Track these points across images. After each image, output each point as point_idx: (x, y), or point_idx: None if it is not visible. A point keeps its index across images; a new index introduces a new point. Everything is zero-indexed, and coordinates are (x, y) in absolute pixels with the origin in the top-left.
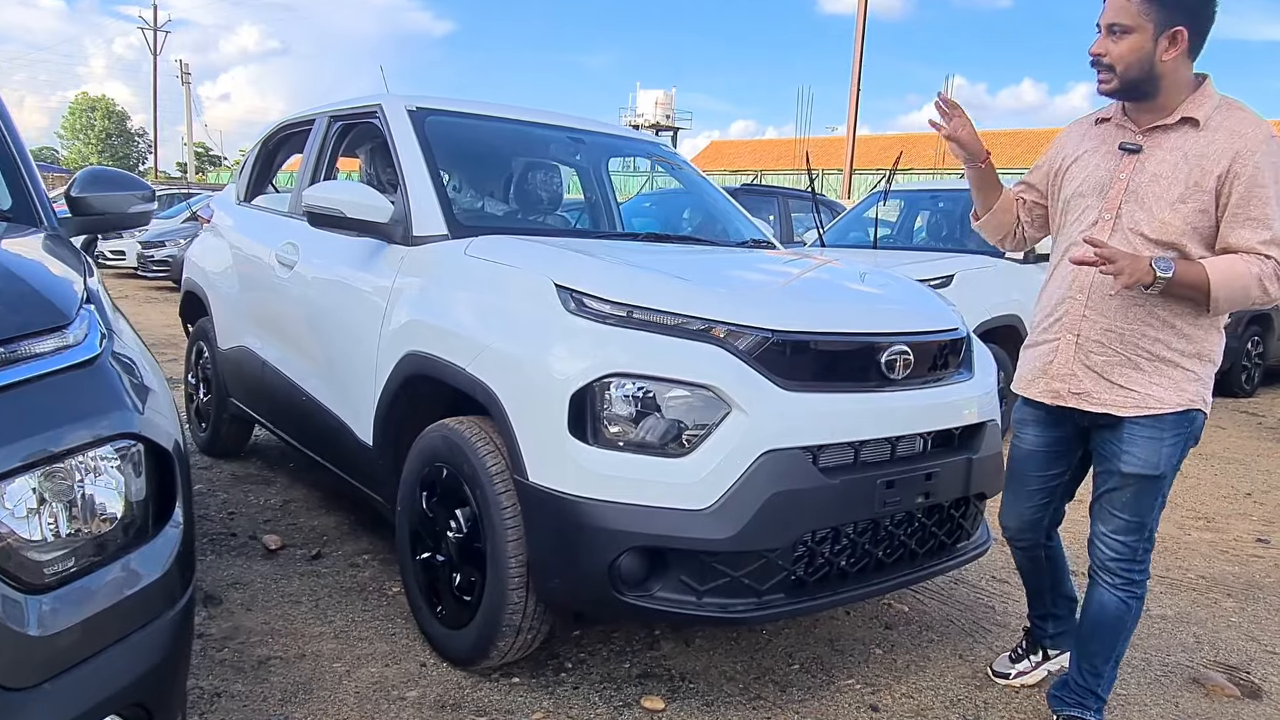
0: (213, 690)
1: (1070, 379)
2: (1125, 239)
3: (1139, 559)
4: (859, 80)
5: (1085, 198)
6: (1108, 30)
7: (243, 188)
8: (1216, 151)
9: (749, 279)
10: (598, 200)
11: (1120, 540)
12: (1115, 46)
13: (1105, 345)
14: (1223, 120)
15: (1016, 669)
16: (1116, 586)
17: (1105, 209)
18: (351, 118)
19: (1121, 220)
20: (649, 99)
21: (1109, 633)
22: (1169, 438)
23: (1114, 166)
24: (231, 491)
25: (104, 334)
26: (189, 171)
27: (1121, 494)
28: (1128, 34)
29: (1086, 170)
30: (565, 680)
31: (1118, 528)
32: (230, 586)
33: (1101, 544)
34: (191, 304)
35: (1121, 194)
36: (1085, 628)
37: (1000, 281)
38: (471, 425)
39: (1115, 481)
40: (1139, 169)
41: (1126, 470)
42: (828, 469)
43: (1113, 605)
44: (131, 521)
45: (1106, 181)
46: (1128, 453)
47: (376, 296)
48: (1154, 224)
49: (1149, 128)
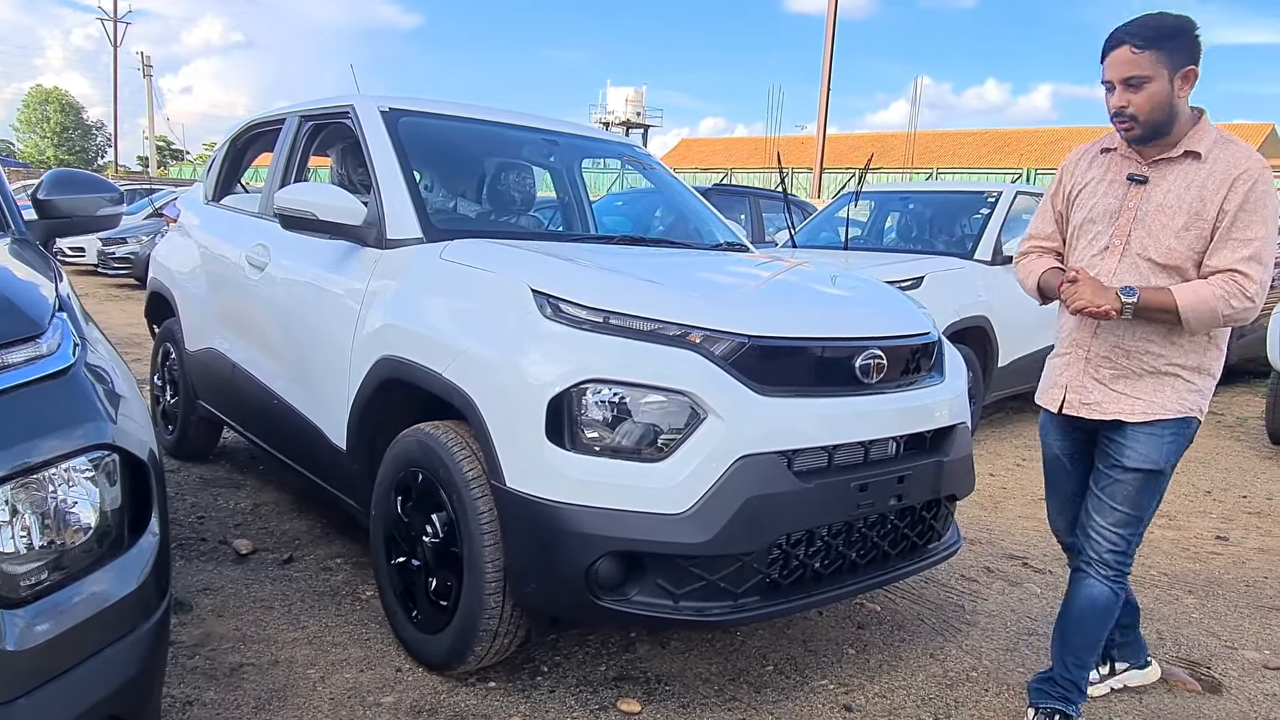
0: (184, 698)
1: (1081, 390)
2: (1134, 263)
3: (1130, 552)
4: (829, 80)
5: (1096, 224)
6: (1124, 84)
7: (211, 187)
8: (1216, 182)
9: (724, 283)
10: (571, 201)
11: (1118, 532)
12: (1136, 97)
13: (1112, 361)
14: (1221, 153)
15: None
16: (1109, 579)
17: (1115, 235)
18: (323, 117)
19: (1131, 246)
20: (619, 96)
21: (1097, 624)
22: (1168, 437)
23: (1122, 195)
24: (200, 495)
25: (77, 343)
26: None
27: (1124, 487)
28: (1146, 83)
29: (1095, 198)
30: (541, 684)
31: (1117, 520)
32: (201, 592)
33: (1099, 536)
34: (157, 305)
35: (1131, 222)
36: (1071, 621)
37: (969, 283)
38: (447, 430)
39: (1118, 475)
40: (1146, 199)
41: (1129, 465)
42: (802, 473)
43: (1103, 597)
44: (107, 532)
45: (1116, 210)
46: (1131, 449)
47: (350, 300)
48: (1160, 250)
49: (1154, 160)
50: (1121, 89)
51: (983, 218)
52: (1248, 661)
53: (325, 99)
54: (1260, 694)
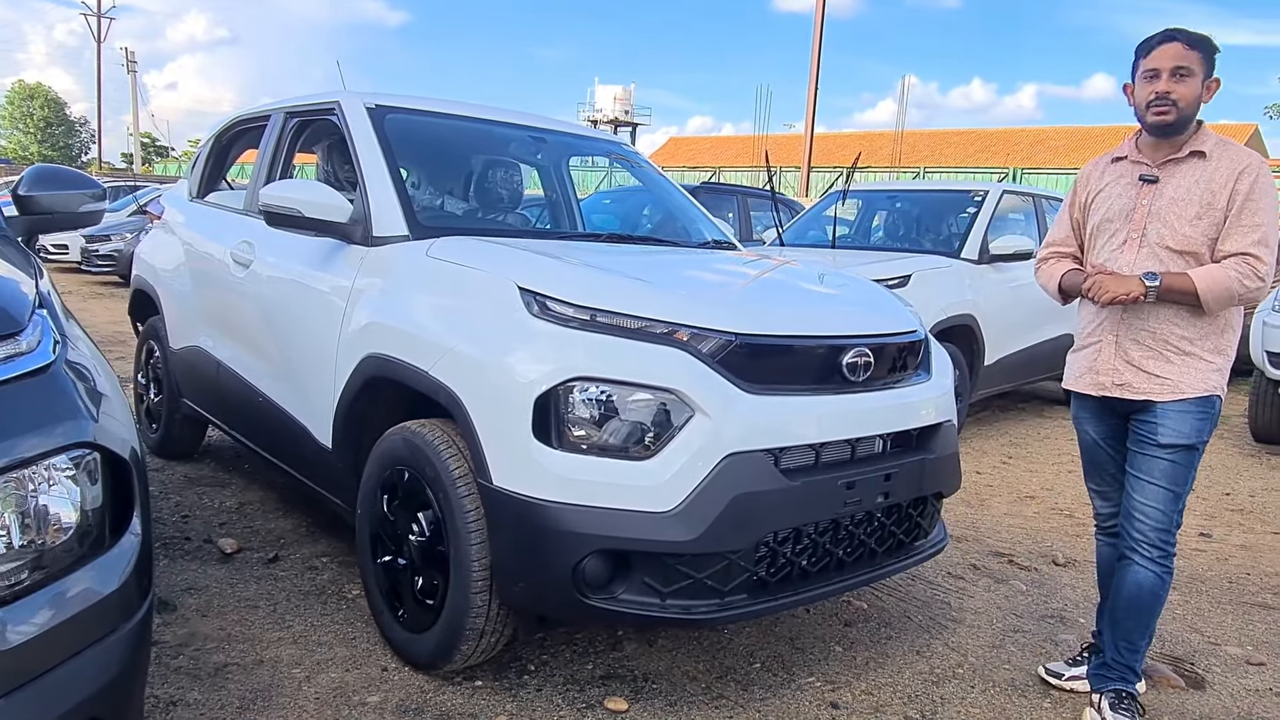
0: (168, 699)
1: (1113, 373)
2: (1152, 251)
3: (1173, 530)
4: (817, 79)
5: (1113, 222)
6: (1172, 72)
7: (195, 184)
8: (1222, 177)
9: (711, 281)
10: (559, 199)
11: (1157, 508)
12: (1179, 86)
13: (1140, 343)
14: (1223, 153)
15: (1071, 672)
16: (1155, 560)
17: (1132, 229)
18: (308, 114)
19: (1148, 237)
20: (608, 94)
21: (1146, 609)
22: (1195, 413)
23: (1135, 194)
24: (185, 494)
25: (57, 340)
26: (135, 163)
27: (1159, 463)
28: (1190, 77)
29: (1110, 200)
30: (528, 683)
31: (1156, 496)
32: (185, 592)
33: (1140, 514)
34: (141, 302)
35: (1145, 216)
36: (1121, 608)
37: (956, 281)
38: (434, 428)
39: (1154, 452)
40: (1158, 195)
41: (1164, 441)
42: (789, 471)
43: (1149, 581)
44: (88, 532)
45: (1130, 207)
46: (1163, 426)
47: (336, 297)
48: (1177, 238)
49: (1163, 161)
50: (1168, 77)
51: (969, 216)
52: (1230, 657)
53: (311, 95)
54: (1243, 689)
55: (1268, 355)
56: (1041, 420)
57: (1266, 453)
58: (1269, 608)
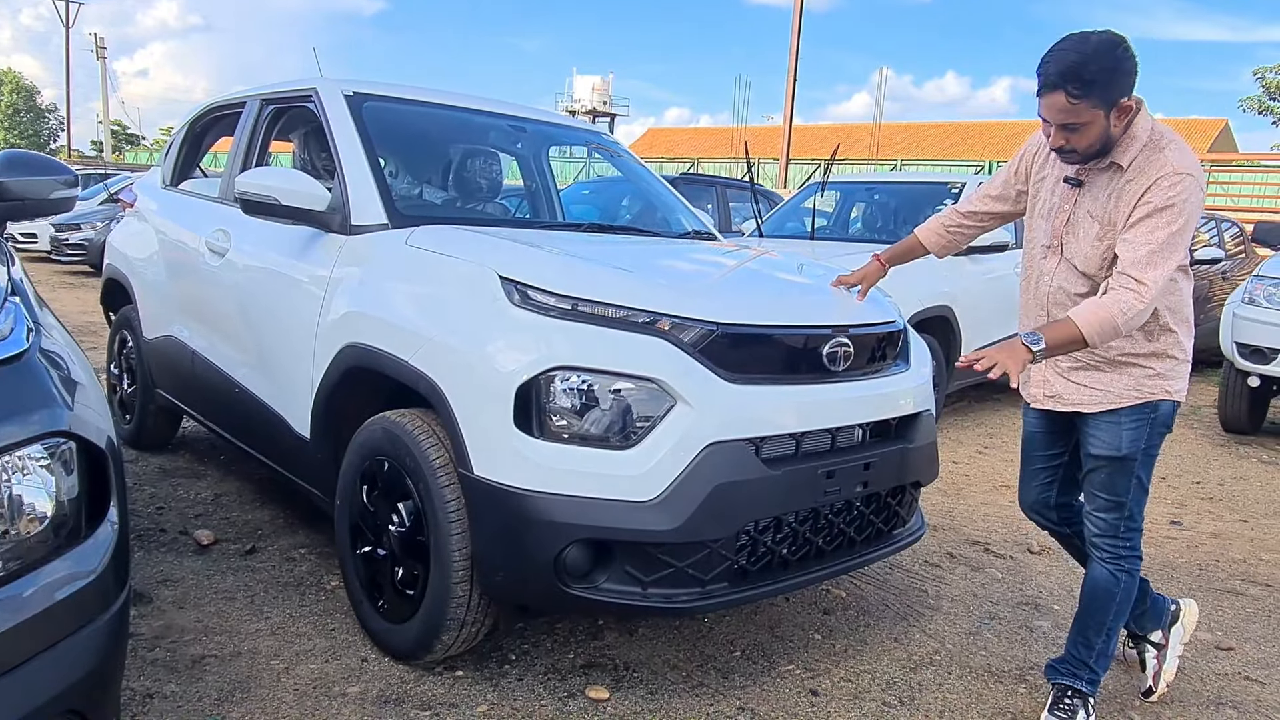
0: (144, 691)
1: (1044, 384)
2: (1066, 266)
3: (1122, 536)
4: (795, 70)
5: (1043, 220)
6: (1060, 128)
7: (169, 171)
8: (1131, 194)
9: (692, 271)
10: (538, 189)
11: (1101, 517)
12: (1074, 137)
13: (1070, 355)
14: (1144, 163)
15: None
16: (1105, 560)
17: (1053, 236)
18: (285, 101)
19: (1064, 250)
20: (586, 85)
21: (1100, 605)
22: (1127, 424)
23: (1061, 196)
24: (159, 485)
25: (30, 328)
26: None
27: (1097, 474)
28: (1084, 126)
29: (1044, 194)
30: (509, 672)
31: (1099, 506)
32: (161, 584)
33: (1089, 521)
34: (114, 292)
35: (1064, 225)
36: (1081, 602)
37: (933, 273)
38: (414, 418)
39: (1090, 462)
40: (1078, 204)
41: (1094, 452)
42: (770, 460)
43: (1103, 578)
44: (63, 522)
45: (1055, 210)
46: (1093, 437)
47: (313, 286)
48: (1080, 258)
49: (1087, 167)
50: (1059, 131)
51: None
52: (1200, 642)
53: (287, 82)
54: (1212, 674)
55: (1237, 346)
56: (1016, 411)
57: (1236, 442)
58: (1237, 594)
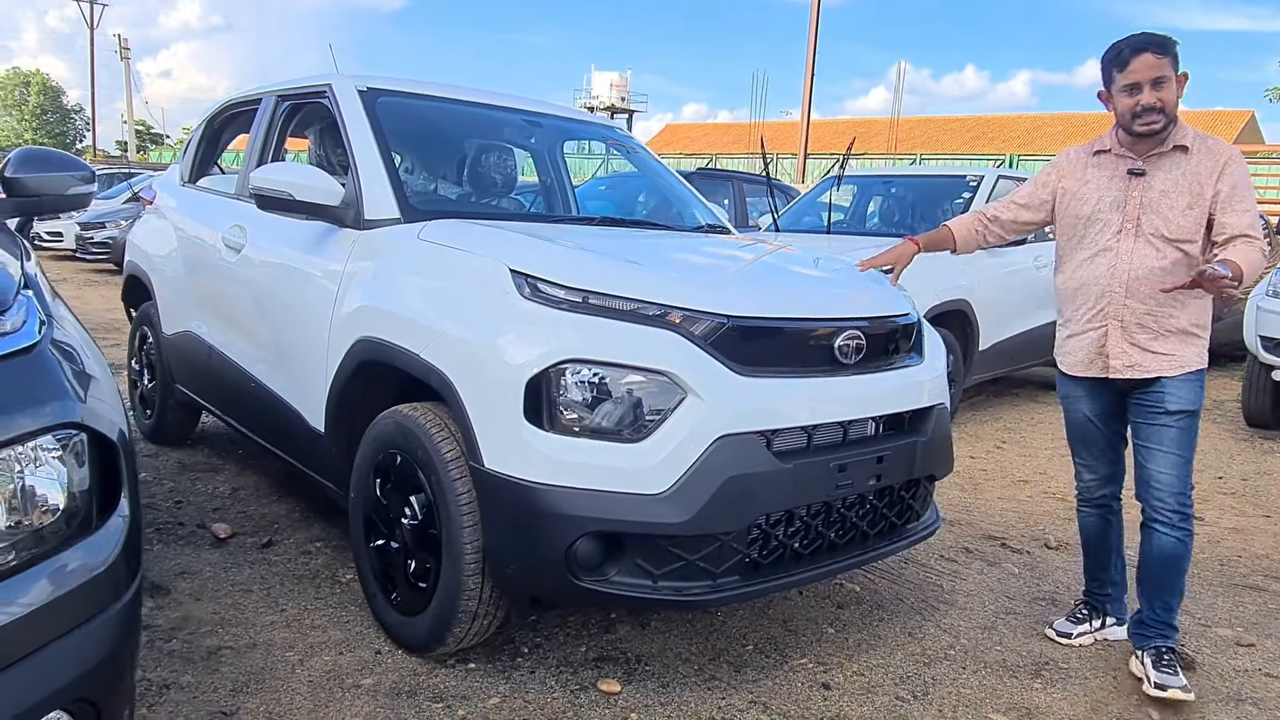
0: (161, 682)
1: (1123, 355)
2: (1148, 241)
3: (1188, 492)
4: (814, 64)
5: (1105, 214)
6: (1153, 84)
7: (187, 169)
8: (1206, 170)
9: (704, 264)
10: (552, 184)
11: (1172, 474)
12: (1163, 94)
13: (1144, 326)
14: (1202, 145)
15: (1078, 630)
16: (1175, 525)
17: (1126, 220)
18: (300, 97)
19: (1142, 228)
20: (604, 81)
21: (1174, 569)
22: (1195, 383)
23: (1125, 187)
24: (178, 479)
25: (43, 320)
26: (130, 150)
27: (1170, 431)
28: (1168, 83)
29: (1099, 193)
30: (521, 665)
31: (1169, 463)
32: (178, 576)
33: (1157, 483)
34: (134, 288)
35: (1138, 208)
36: (1152, 572)
37: (950, 267)
38: (426, 411)
39: (1163, 420)
40: (1148, 187)
41: (1172, 408)
42: (781, 453)
43: (1172, 546)
44: (75, 513)
45: (1121, 200)
46: (1172, 395)
47: (327, 281)
48: (1171, 228)
49: (1148, 155)
50: (1150, 88)
51: (964, 201)
52: (1220, 639)
53: (302, 79)
54: (1232, 670)
55: (1261, 340)
56: (1035, 405)
57: (1259, 437)
58: (1259, 589)
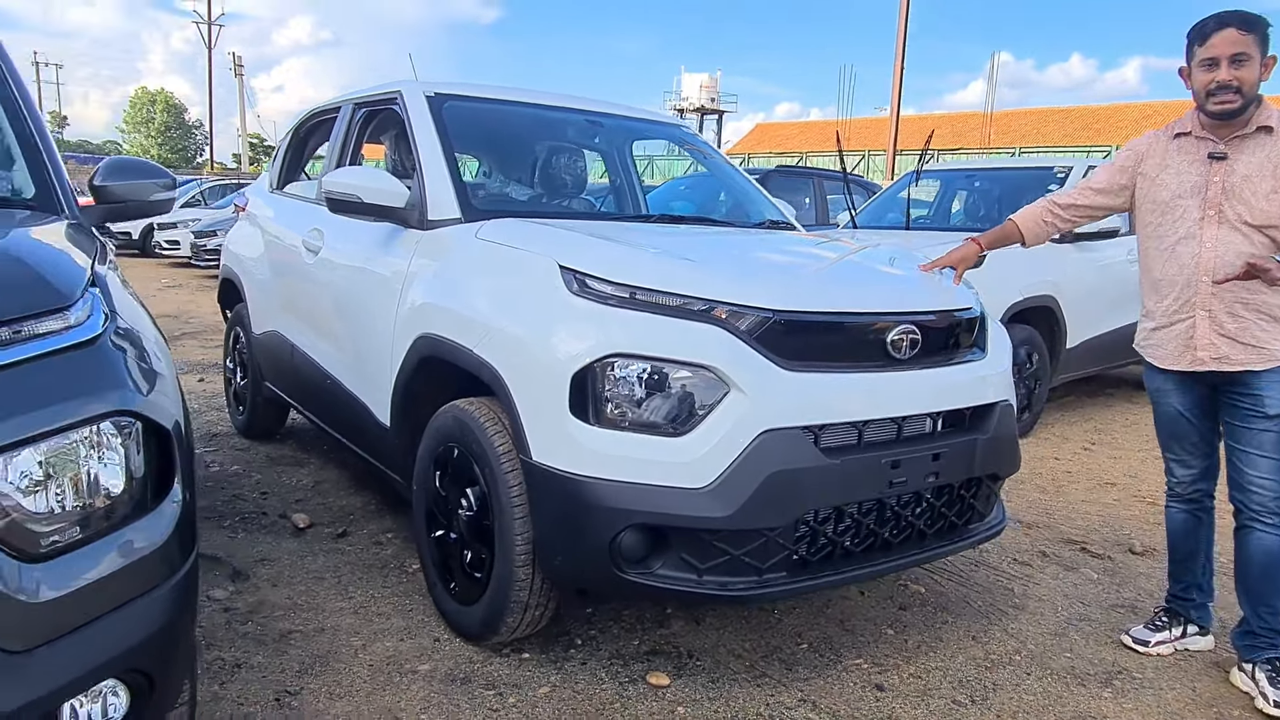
0: (234, 661)
1: (1210, 347)
2: (1231, 228)
3: None
4: (903, 59)
5: (1184, 199)
6: (1231, 60)
7: (275, 175)
8: None
9: (755, 259)
10: (621, 184)
11: (1271, 479)
12: (1241, 73)
13: (1235, 315)
14: None
15: (1156, 638)
16: (1277, 524)
17: (1208, 206)
18: (375, 104)
19: (1225, 214)
20: (694, 82)
21: (1278, 571)
22: None
23: (1205, 172)
24: (265, 472)
25: (107, 315)
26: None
27: (1270, 435)
28: (1249, 61)
29: (1180, 177)
30: (574, 656)
31: (1269, 468)
32: (258, 563)
33: (1257, 487)
34: (228, 290)
35: (1220, 193)
36: (1253, 576)
37: (1034, 261)
38: (480, 406)
39: (1262, 424)
40: (1230, 171)
41: (1272, 412)
42: (830, 449)
43: (1274, 544)
44: (130, 496)
45: (1202, 185)
46: (1270, 397)
47: (393, 280)
48: (1255, 213)
49: (1230, 138)
50: (1228, 65)
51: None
52: None
53: (377, 86)
54: None
55: None
56: (1130, 406)
57: None
58: None
